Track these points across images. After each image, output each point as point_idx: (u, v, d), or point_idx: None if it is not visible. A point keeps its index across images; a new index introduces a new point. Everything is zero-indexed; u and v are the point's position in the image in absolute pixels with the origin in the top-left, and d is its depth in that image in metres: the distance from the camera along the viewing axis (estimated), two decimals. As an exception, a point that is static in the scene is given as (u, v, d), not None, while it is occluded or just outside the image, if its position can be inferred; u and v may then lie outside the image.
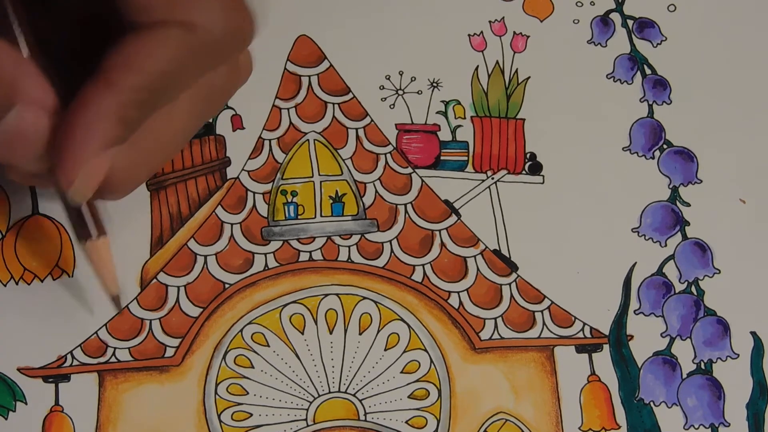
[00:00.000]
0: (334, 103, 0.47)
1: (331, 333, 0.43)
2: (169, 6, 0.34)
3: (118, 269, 0.43)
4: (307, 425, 0.42)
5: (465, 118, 0.47)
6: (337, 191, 0.45)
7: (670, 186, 0.46)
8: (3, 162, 0.37)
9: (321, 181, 0.46)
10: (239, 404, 0.42)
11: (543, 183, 0.46)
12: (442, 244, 0.45)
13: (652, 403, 0.42)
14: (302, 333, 0.43)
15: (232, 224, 0.45)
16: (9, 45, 0.35)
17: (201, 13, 0.35)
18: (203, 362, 0.42)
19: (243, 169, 0.46)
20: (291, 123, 0.47)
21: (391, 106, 0.47)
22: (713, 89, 0.48)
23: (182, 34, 0.35)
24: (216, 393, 0.42)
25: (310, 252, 0.44)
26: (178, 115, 0.39)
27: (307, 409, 0.42)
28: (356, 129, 0.47)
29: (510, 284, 0.44)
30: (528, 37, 0.49)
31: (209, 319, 0.43)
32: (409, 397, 0.42)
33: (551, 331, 0.43)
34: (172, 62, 0.35)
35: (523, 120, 0.47)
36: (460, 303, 0.44)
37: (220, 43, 0.36)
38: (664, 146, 0.47)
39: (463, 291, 0.44)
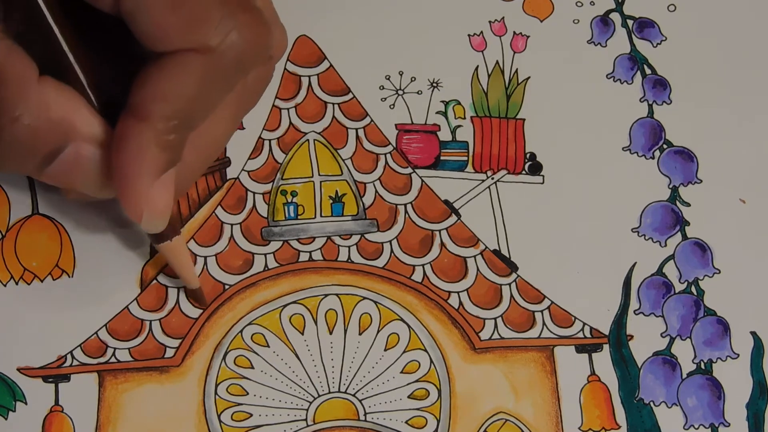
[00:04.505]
0: (334, 103, 0.47)
1: (331, 333, 0.43)
2: (184, 33, 0.35)
3: (117, 270, 0.43)
4: (307, 425, 0.42)
5: (465, 118, 0.47)
6: (337, 191, 0.45)
7: (670, 186, 0.46)
8: (66, 188, 0.39)
9: (321, 181, 0.46)
10: (239, 404, 0.42)
11: (543, 183, 0.46)
12: (442, 244, 0.45)
13: (652, 403, 0.43)
14: (302, 333, 0.43)
15: (232, 225, 0.45)
16: (63, 85, 0.36)
17: (217, 36, 0.35)
18: (203, 363, 0.42)
19: (243, 170, 0.46)
20: (291, 123, 0.47)
21: (391, 106, 0.47)
22: (713, 89, 0.48)
23: (201, 59, 0.35)
24: (216, 393, 0.42)
25: (310, 252, 0.44)
26: (218, 122, 0.40)
27: (307, 410, 0.42)
28: (356, 129, 0.47)
29: (510, 284, 0.44)
30: (528, 37, 0.49)
31: (209, 320, 0.43)
32: (409, 397, 0.42)
33: (551, 331, 0.43)
34: (197, 87, 0.36)
35: (523, 120, 0.47)
36: (460, 303, 0.44)
37: (241, 60, 0.36)
38: (664, 146, 0.47)
39: (463, 291, 0.44)
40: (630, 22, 0.49)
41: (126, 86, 0.36)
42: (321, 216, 0.45)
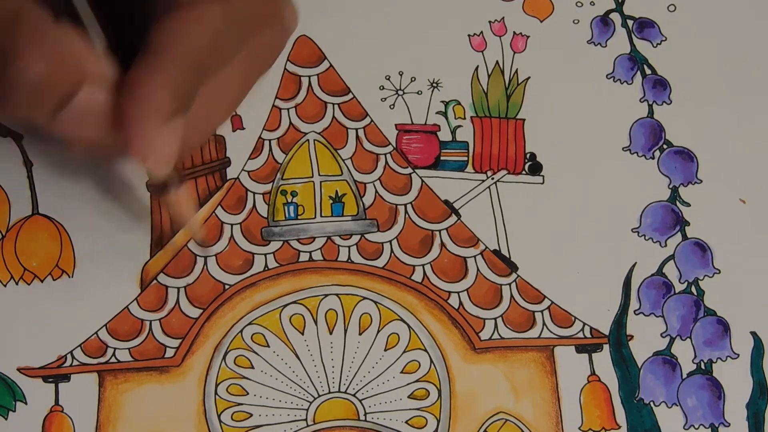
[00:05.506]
0: (334, 104, 0.47)
1: (331, 333, 0.43)
2: None
3: (117, 270, 0.43)
4: (307, 425, 0.42)
5: (465, 118, 0.47)
6: (337, 191, 0.45)
7: (670, 186, 0.46)
8: (75, 137, 0.38)
9: (321, 182, 0.46)
10: (239, 404, 0.42)
11: (543, 183, 0.46)
12: (442, 245, 0.45)
13: (652, 403, 0.43)
14: (302, 333, 0.43)
15: (232, 225, 0.45)
16: (76, 30, 0.36)
17: None
18: (203, 363, 0.42)
19: (243, 170, 0.46)
20: (291, 123, 0.47)
21: (391, 106, 0.47)
22: (713, 89, 0.48)
23: (219, 8, 0.36)
24: (216, 393, 0.42)
25: (310, 252, 0.44)
26: (232, 78, 0.40)
27: (307, 410, 0.42)
28: (356, 129, 0.47)
29: (510, 284, 0.44)
30: (528, 37, 0.49)
31: (209, 320, 0.43)
32: (409, 397, 0.42)
33: (551, 331, 0.43)
34: (213, 36, 0.36)
35: (523, 120, 0.47)
36: (460, 303, 0.44)
37: (258, 13, 0.37)
38: (664, 146, 0.47)
39: (463, 291, 0.44)
40: (630, 22, 0.49)
41: (141, 33, 0.36)
42: (321, 216, 0.45)
